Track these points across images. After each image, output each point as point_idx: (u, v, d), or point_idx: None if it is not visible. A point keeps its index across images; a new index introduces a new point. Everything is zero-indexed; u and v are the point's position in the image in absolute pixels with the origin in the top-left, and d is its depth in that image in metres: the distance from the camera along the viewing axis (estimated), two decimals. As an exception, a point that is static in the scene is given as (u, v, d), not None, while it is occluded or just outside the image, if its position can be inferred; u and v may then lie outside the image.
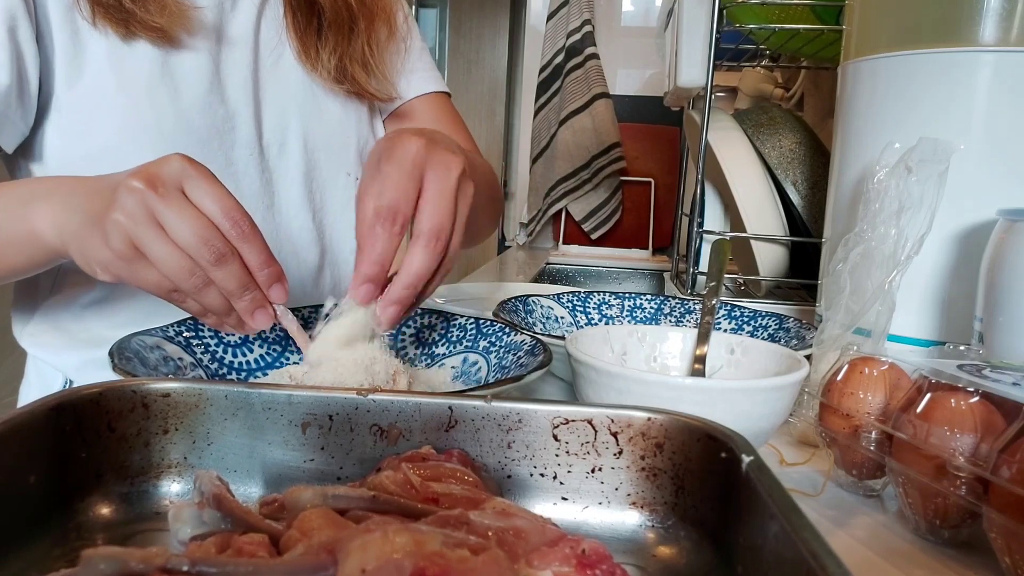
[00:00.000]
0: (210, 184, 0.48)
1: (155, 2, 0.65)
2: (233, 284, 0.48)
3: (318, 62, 0.76)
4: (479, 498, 0.32)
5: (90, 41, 0.65)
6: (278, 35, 0.76)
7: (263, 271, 0.50)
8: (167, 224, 0.46)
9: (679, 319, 0.81)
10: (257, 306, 0.50)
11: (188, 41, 0.69)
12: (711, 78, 1.00)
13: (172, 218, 0.46)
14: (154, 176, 0.47)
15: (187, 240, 0.46)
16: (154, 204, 0.46)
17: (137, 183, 0.46)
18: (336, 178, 0.80)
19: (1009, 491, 0.35)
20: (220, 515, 0.30)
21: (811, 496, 0.48)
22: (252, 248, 0.49)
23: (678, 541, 0.35)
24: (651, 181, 2.09)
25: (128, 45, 0.66)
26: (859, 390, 0.47)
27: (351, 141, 0.81)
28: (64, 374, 0.73)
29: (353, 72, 0.77)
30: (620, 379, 0.47)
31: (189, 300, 0.49)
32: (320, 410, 0.37)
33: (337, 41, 0.76)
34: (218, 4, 0.71)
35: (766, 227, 0.99)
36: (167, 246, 0.47)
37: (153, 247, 0.47)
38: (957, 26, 0.58)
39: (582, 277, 1.90)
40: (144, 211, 0.46)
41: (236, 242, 0.48)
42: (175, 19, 0.66)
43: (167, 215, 0.46)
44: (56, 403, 0.35)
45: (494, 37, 2.93)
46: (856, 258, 0.57)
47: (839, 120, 0.70)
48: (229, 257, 0.48)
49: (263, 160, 0.75)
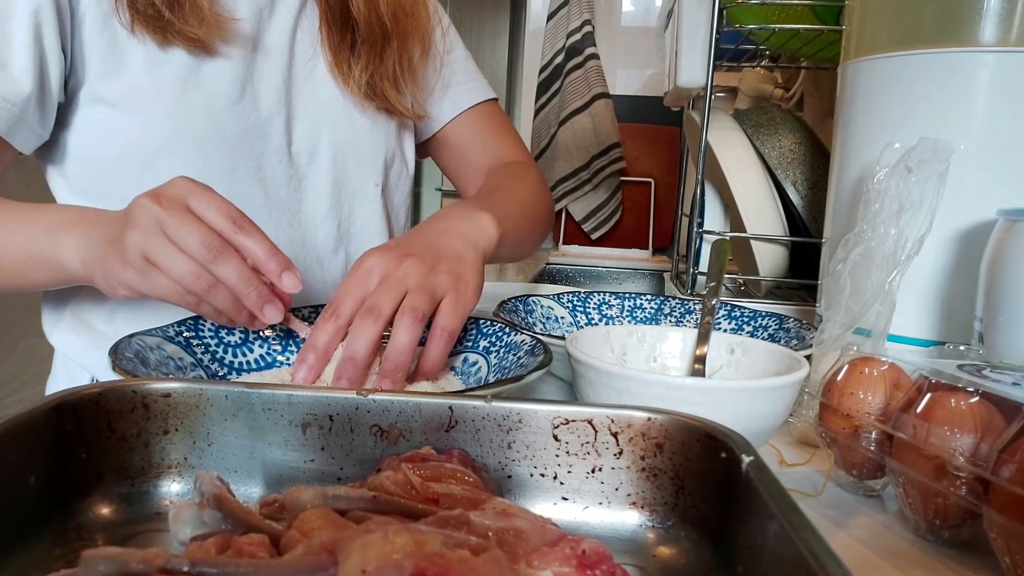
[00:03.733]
0: (211, 197, 0.52)
1: (194, 13, 0.65)
2: (235, 278, 0.51)
3: (350, 77, 0.76)
4: (479, 498, 0.32)
5: (128, 47, 0.66)
6: (312, 47, 0.76)
7: (270, 261, 0.52)
8: (172, 234, 0.50)
9: (679, 319, 0.81)
10: (265, 300, 0.53)
11: (224, 49, 0.69)
12: (711, 78, 1.00)
13: (176, 228, 0.50)
14: (160, 195, 0.51)
15: (190, 245, 0.50)
16: (161, 217, 0.50)
17: (146, 201, 0.51)
18: (364, 188, 0.81)
19: (1009, 491, 0.35)
20: (220, 515, 0.30)
21: (811, 496, 0.48)
22: (252, 242, 0.52)
23: (678, 541, 0.35)
24: (651, 181, 2.08)
25: (164, 52, 0.67)
26: (859, 390, 0.47)
27: (380, 152, 0.81)
28: (91, 373, 0.74)
29: (384, 89, 0.78)
30: (620, 379, 0.47)
31: (202, 303, 0.52)
32: (320, 410, 0.37)
33: (369, 58, 0.76)
34: (256, 14, 0.72)
35: (766, 227, 0.99)
36: (174, 253, 0.50)
37: (162, 256, 0.50)
38: (957, 26, 0.58)
39: (582, 277, 1.90)
40: (154, 225, 0.50)
41: (234, 238, 0.51)
42: (213, 30, 0.67)
43: (172, 226, 0.50)
44: (56, 403, 0.35)
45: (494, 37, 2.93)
46: (856, 258, 0.57)
47: (839, 120, 0.70)
48: (228, 253, 0.51)
49: (292, 168, 0.76)
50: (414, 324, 0.51)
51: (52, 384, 0.79)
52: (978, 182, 0.59)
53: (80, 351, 0.74)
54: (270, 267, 0.52)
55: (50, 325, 0.76)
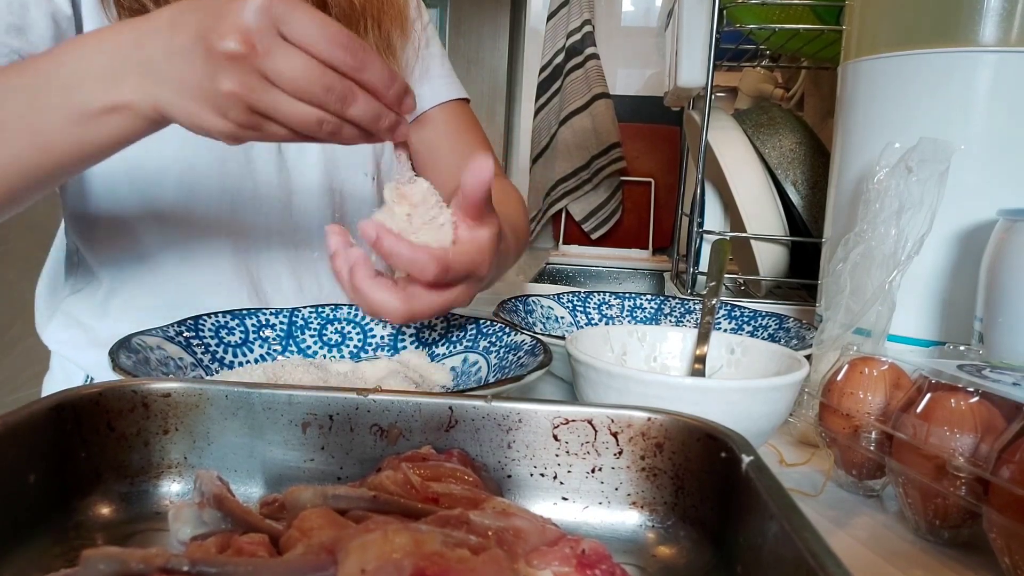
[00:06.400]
0: (304, 15, 0.44)
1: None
2: (369, 116, 0.48)
3: None
4: (479, 498, 0.32)
5: None
6: None
7: (390, 90, 0.48)
8: (283, 82, 0.44)
9: (679, 319, 0.81)
10: (395, 123, 0.49)
11: None
12: (711, 78, 1.00)
13: (287, 73, 0.44)
14: (247, 32, 0.43)
15: (310, 91, 0.45)
16: (262, 64, 0.44)
17: (233, 44, 0.43)
18: (354, 178, 0.81)
19: (1009, 491, 0.35)
20: (220, 515, 0.30)
21: (811, 496, 0.48)
22: (373, 72, 0.47)
23: (678, 541, 0.35)
24: (651, 181, 2.08)
25: None
26: (859, 390, 0.47)
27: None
28: (86, 372, 0.74)
29: None
30: (620, 379, 0.47)
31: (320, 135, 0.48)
32: (320, 410, 0.37)
33: None
34: None
35: (766, 227, 0.99)
36: (291, 103, 0.45)
37: (278, 108, 0.45)
38: (957, 26, 0.58)
39: (582, 277, 1.90)
40: (255, 76, 0.44)
41: (357, 74, 0.46)
42: None
43: (280, 71, 0.44)
44: (56, 403, 0.35)
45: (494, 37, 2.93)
46: (856, 258, 0.57)
47: (839, 120, 0.70)
48: (355, 93, 0.47)
49: (282, 159, 0.76)
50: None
51: (49, 382, 0.79)
52: (978, 182, 0.59)
53: (74, 349, 0.74)
54: (391, 95, 0.48)
55: (42, 323, 0.75)
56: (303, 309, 0.66)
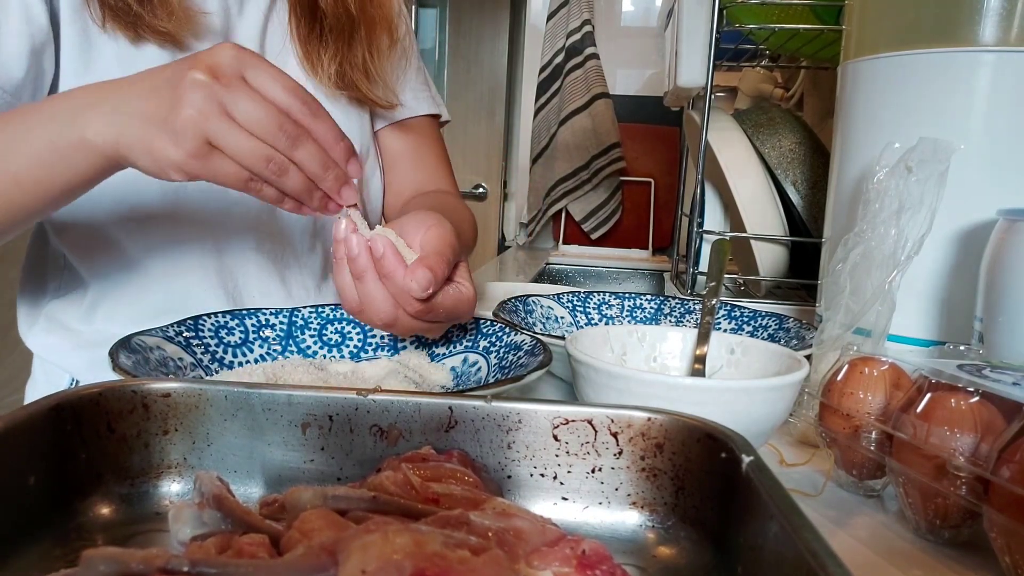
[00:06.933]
0: (268, 70, 0.48)
1: (163, 7, 0.65)
2: (315, 164, 0.49)
3: (319, 67, 0.76)
4: (479, 498, 0.32)
5: (99, 42, 0.65)
6: (283, 42, 0.76)
7: (338, 146, 0.50)
8: (238, 115, 0.46)
9: (679, 319, 0.81)
10: (342, 182, 0.51)
11: (196, 45, 0.69)
12: (711, 78, 1.00)
13: (243, 108, 0.46)
14: (215, 67, 0.47)
15: (262, 128, 0.46)
16: (222, 96, 0.46)
17: (200, 76, 0.46)
18: None
19: (1009, 491, 0.35)
20: (220, 515, 0.30)
21: (811, 496, 0.48)
22: (324, 126, 0.49)
23: (678, 541, 0.35)
24: (651, 181, 2.08)
25: (137, 48, 0.66)
26: (859, 390, 0.47)
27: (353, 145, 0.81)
28: (72, 374, 0.74)
29: (354, 78, 0.78)
30: (620, 379, 0.47)
31: (266, 188, 0.49)
32: (320, 411, 0.37)
33: (338, 47, 0.76)
34: (224, 10, 0.72)
35: (766, 227, 0.99)
36: (242, 136, 0.46)
37: (228, 139, 0.46)
38: (957, 26, 0.58)
39: (582, 277, 1.90)
40: (214, 105, 0.46)
41: (308, 121, 0.48)
42: (182, 23, 0.66)
43: (237, 106, 0.46)
44: (56, 403, 0.35)
45: (494, 37, 2.93)
46: (856, 258, 0.57)
47: (839, 120, 0.70)
48: (305, 137, 0.48)
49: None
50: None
51: (31, 388, 0.78)
52: (978, 182, 0.59)
53: (58, 354, 0.73)
54: (337, 152, 0.50)
55: (26, 328, 0.75)
56: (303, 309, 0.66)
